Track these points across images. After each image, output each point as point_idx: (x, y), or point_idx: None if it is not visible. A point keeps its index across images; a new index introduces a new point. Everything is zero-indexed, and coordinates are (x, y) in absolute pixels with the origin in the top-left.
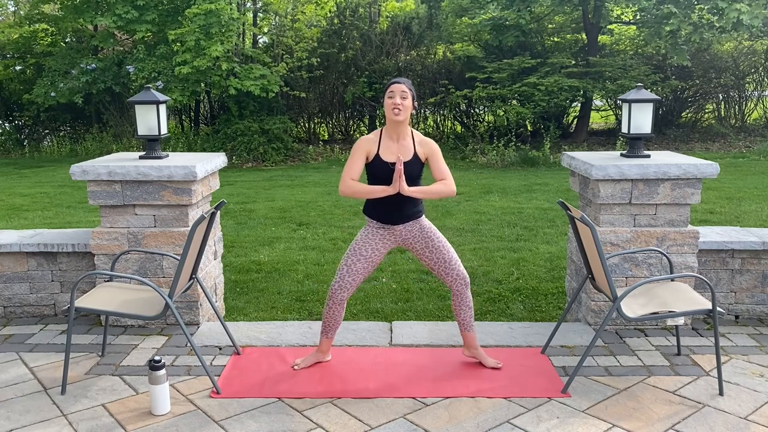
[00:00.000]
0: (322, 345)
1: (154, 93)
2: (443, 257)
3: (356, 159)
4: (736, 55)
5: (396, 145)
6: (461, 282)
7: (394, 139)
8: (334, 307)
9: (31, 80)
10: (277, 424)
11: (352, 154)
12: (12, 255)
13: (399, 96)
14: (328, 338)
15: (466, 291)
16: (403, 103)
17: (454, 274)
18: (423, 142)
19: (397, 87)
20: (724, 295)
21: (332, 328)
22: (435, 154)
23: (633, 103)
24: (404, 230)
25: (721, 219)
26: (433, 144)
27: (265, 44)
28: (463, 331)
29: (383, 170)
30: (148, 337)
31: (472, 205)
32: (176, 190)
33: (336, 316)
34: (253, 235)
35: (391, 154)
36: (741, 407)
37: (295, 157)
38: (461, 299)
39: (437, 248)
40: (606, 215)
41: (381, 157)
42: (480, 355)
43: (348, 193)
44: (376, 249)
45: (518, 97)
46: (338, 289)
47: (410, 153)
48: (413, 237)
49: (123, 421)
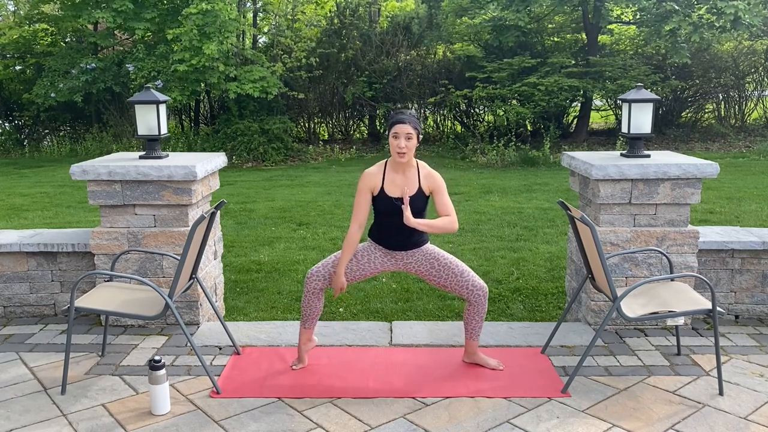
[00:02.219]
0: (301, 336)
1: (154, 93)
2: (453, 271)
3: (361, 200)
4: (736, 55)
5: (401, 178)
6: (479, 292)
7: (399, 172)
8: (309, 297)
9: (31, 80)
10: (277, 424)
11: (358, 192)
12: (12, 255)
13: (404, 138)
14: (306, 329)
15: (484, 301)
16: (408, 145)
17: (469, 285)
18: (428, 175)
19: (402, 129)
20: (724, 295)
21: (310, 318)
22: (440, 189)
23: (633, 103)
24: (407, 256)
25: (721, 219)
26: (438, 178)
27: (264, 44)
28: (468, 339)
29: (388, 205)
30: (148, 337)
31: (472, 205)
32: (176, 190)
33: (312, 306)
34: (253, 235)
35: (395, 188)
36: (741, 407)
37: (295, 157)
38: (477, 309)
39: (445, 265)
40: (606, 215)
41: (386, 192)
42: (480, 359)
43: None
44: (372, 262)
45: (518, 97)
46: (314, 276)
47: (415, 187)
48: (416, 261)
49: (123, 421)
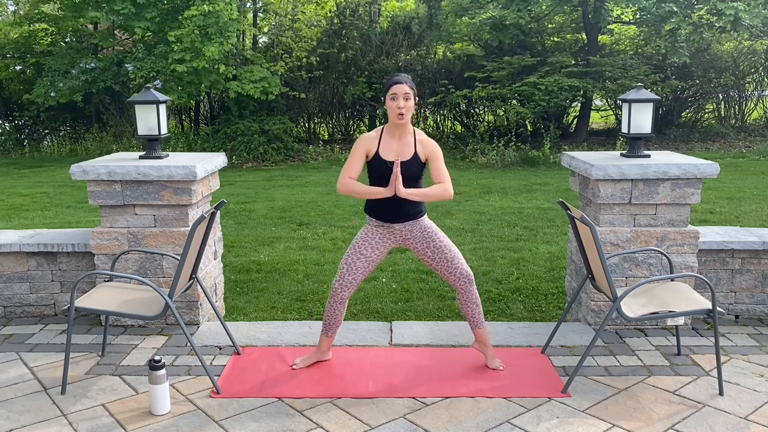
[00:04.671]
0: (321, 344)
1: (154, 93)
2: (445, 256)
3: (356, 157)
4: (736, 55)
5: (397, 143)
6: (465, 279)
7: (396, 137)
8: (335, 306)
9: (31, 80)
10: (277, 424)
11: (352, 152)
12: (12, 255)
13: (402, 98)
14: (328, 337)
15: (471, 288)
16: (407, 105)
17: (457, 273)
18: (424, 142)
19: (399, 88)
20: (724, 295)
21: (333, 327)
22: (435, 156)
23: (633, 103)
24: (404, 229)
25: (721, 219)
26: (434, 145)
27: (264, 44)
28: (473, 328)
29: (383, 169)
30: (148, 337)
31: (472, 205)
32: (176, 190)
33: (337, 315)
34: (253, 235)
35: (391, 152)
36: (741, 407)
37: (295, 157)
38: (466, 296)
39: (438, 248)
40: (606, 215)
41: (381, 156)
42: (488, 353)
43: (344, 191)
44: (376, 248)
45: (518, 96)
46: (339, 288)
47: (410, 152)
48: (413, 237)
49: (123, 421)
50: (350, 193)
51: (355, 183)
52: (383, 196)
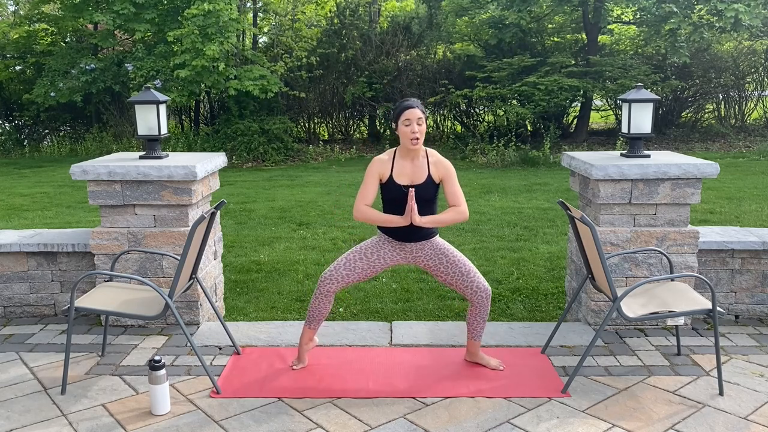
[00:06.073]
0: (304, 335)
1: (154, 93)
2: (460, 270)
3: (369, 183)
4: (736, 55)
5: (410, 166)
6: (483, 294)
7: (408, 159)
8: (320, 299)
9: (31, 80)
10: (277, 424)
11: (366, 177)
12: (12, 255)
13: (416, 123)
14: (311, 329)
15: (487, 303)
16: (420, 130)
17: (474, 286)
18: (438, 162)
19: (413, 113)
20: (724, 295)
21: (316, 319)
22: (449, 177)
23: (633, 103)
24: (416, 248)
25: (721, 219)
26: (448, 166)
27: (264, 44)
28: (470, 339)
29: (397, 193)
30: (148, 337)
31: (472, 205)
32: (176, 190)
33: (321, 308)
34: (253, 235)
35: (404, 176)
36: (741, 407)
37: (295, 157)
38: (479, 310)
39: (452, 263)
40: (606, 215)
41: (394, 180)
42: (482, 359)
43: (361, 218)
44: (382, 257)
45: (518, 96)
46: (328, 279)
47: (424, 174)
48: (425, 255)
49: (123, 421)
50: (366, 220)
51: (371, 210)
52: (399, 225)
